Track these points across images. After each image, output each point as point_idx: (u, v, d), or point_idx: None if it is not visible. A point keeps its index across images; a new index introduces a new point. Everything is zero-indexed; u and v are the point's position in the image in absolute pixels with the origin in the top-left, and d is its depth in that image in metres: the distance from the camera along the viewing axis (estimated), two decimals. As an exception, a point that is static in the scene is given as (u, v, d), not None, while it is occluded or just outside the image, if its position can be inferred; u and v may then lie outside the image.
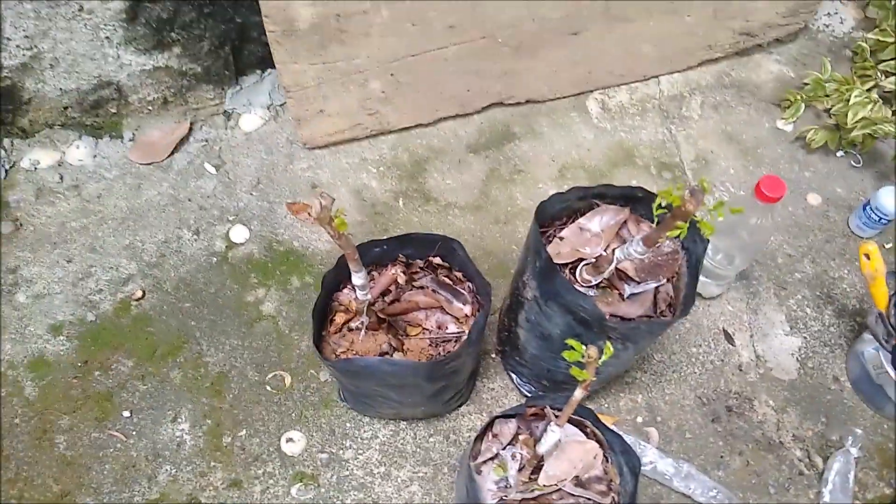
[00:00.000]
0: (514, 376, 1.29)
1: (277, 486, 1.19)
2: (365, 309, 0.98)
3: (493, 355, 1.33)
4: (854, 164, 1.61)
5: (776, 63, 1.75)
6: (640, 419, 1.29)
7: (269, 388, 1.27)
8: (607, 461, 1.03)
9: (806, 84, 1.65)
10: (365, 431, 1.24)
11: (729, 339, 1.38)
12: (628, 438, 1.24)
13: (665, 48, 1.63)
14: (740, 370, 1.35)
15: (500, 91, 1.57)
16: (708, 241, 1.02)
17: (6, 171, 1.45)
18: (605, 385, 1.31)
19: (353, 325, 1.05)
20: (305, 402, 1.26)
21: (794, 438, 1.29)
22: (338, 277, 1.05)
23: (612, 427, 1.25)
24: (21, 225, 1.40)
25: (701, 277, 1.36)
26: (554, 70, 1.57)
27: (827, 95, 1.62)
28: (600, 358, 0.77)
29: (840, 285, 1.45)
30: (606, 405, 1.30)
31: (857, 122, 1.48)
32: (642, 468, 1.23)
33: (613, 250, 0.98)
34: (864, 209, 1.47)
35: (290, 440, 1.22)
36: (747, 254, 1.31)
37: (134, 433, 1.22)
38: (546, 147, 1.58)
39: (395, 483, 1.20)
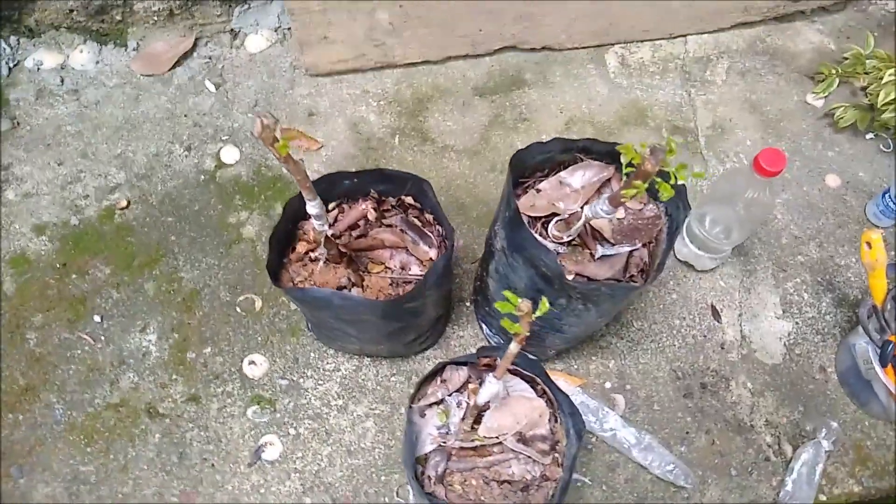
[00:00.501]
0: (484, 327, 1.27)
1: (234, 406, 1.20)
2: (323, 240, 0.96)
3: (468, 304, 1.31)
4: (884, 148, 1.51)
5: (818, 33, 1.64)
6: (608, 384, 1.26)
7: (238, 309, 1.27)
8: (556, 421, 1.01)
9: (845, 59, 1.55)
10: (328, 363, 1.24)
11: (716, 315, 1.33)
12: (591, 402, 1.22)
13: (697, 6, 1.54)
14: (722, 348, 1.30)
15: (515, 34, 1.51)
16: (689, 208, 0.97)
17: (10, 68, 1.45)
18: (577, 347, 1.27)
19: (313, 255, 1.03)
20: (273, 328, 1.26)
21: (766, 424, 1.24)
22: (303, 205, 1.03)
23: (573, 388, 1.23)
24: (18, 123, 1.41)
25: (695, 249, 1.32)
26: (574, 18, 1.50)
27: (866, 73, 1.52)
28: (534, 312, 0.74)
29: (844, 274, 1.37)
30: (576, 367, 1.27)
31: (888, 102, 1.38)
32: (602, 434, 1.21)
33: (582, 207, 0.94)
34: (884, 197, 1.38)
35: (252, 363, 1.23)
36: (745, 228, 1.24)
37: (103, 338, 1.24)
38: (556, 97, 1.51)
39: (351, 417, 1.20)
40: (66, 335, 1.24)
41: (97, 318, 1.25)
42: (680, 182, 0.75)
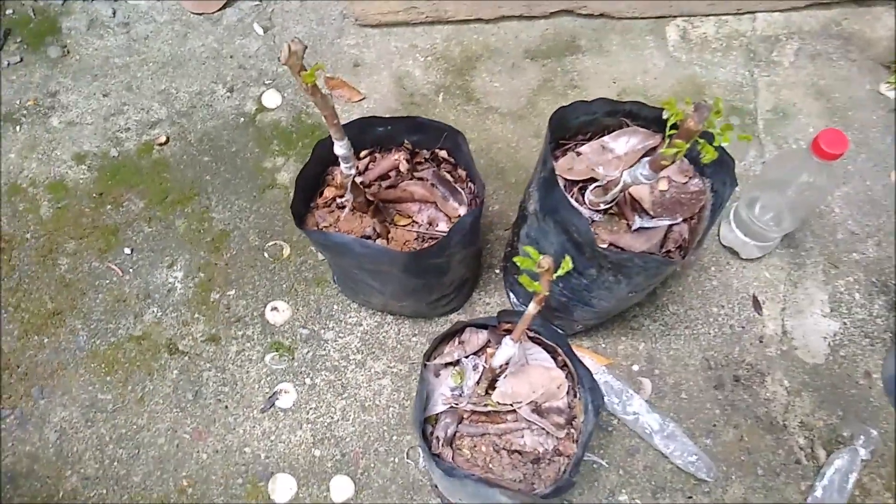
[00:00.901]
0: (511, 295, 1.23)
1: (253, 350, 1.19)
2: (350, 184, 0.93)
3: (497, 270, 1.27)
4: (960, 148, 1.41)
5: (899, 20, 1.54)
6: (636, 367, 1.21)
7: (266, 255, 1.26)
8: (575, 396, 0.97)
9: (927, 49, 1.44)
10: (350, 317, 1.22)
11: (757, 306, 1.26)
12: (616, 383, 1.18)
13: (770, -20, 1.45)
14: (760, 341, 1.24)
15: (574, -2, 1.45)
16: (737, 184, 0.91)
17: (65, -3, 1.46)
18: (607, 325, 1.23)
19: (340, 201, 1.01)
20: (299, 277, 1.25)
21: (800, 425, 1.18)
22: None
23: (599, 366, 1.19)
24: (68, 52, 1.42)
25: (741, 235, 1.25)
26: (637, -16, 1.43)
27: (949, 66, 1.41)
28: (556, 271, 0.70)
29: (902, 276, 1.29)
30: (604, 346, 1.23)
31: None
32: (625, 417, 1.16)
33: (622, 172, 0.89)
34: (954, 198, 1.29)
35: (274, 309, 1.22)
36: (797, 215, 1.17)
37: (131, 270, 1.24)
38: (610, 67, 1.45)
39: (368, 373, 1.19)
40: (96, 264, 1.24)
41: (127, 251, 1.25)
42: (724, 143, 0.69)
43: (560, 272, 0.70)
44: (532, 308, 0.76)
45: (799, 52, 1.49)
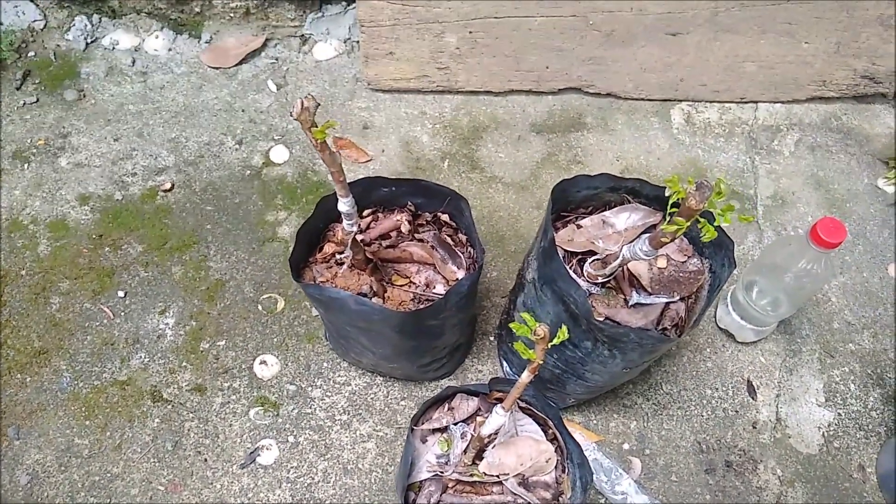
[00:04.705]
0: (505, 364, 1.21)
1: (238, 404, 1.17)
2: (350, 241, 0.94)
3: (492, 338, 1.26)
4: (956, 245, 1.42)
5: (897, 118, 1.58)
6: (626, 446, 1.19)
7: (260, 307, 1.25)
8: (564, 471, 0.95)
9: (924, 148, 1.48)
10: (339, 376, 1.21)
11: (752, 391, 1.25)
12: (606, 461, 1.15)
13: (772, 73, 1.50)
14: (754, 427, 1.22)
15: (582, 76, 1.49)
16: (735, 265, 0.92)
17: (87, 44, 1.50)
18: (599, 401, 1.21)
19: (339, 257, 1.01)
20: (290, 331, 1.23)
21: (792, 517, 1.15)
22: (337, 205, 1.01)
23: (589, 443, 1.17)
24: (84, 96, 1.45)
25: (738, 318, 1.25)
26: (643, 68, 1.47)
27: (945, 165, 1.44)
28: (551, 340, 0.69)
29: (898, 370, 1.28)
30: (595, 422, 1.20)
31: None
32: (612, 497, 1.13)
33: (622, 247, 0.89)
34: (950, 295, 1.29)
35: (263, 363, 1.20)
36: (794, 301, 1.17)
37: (122, 314, 1.23)
38: (614, 145, 1.48)
39: (353, 435, 1.16)
40: (88, 305, 1.23)
41: (121, 294, 1.24)
42: (724, 224, 0.70)
43: (556, 341, 0.69)
44: (525, 376, 0.75)
45: (799, 143, 1.52)
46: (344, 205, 0.88)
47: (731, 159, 1.48)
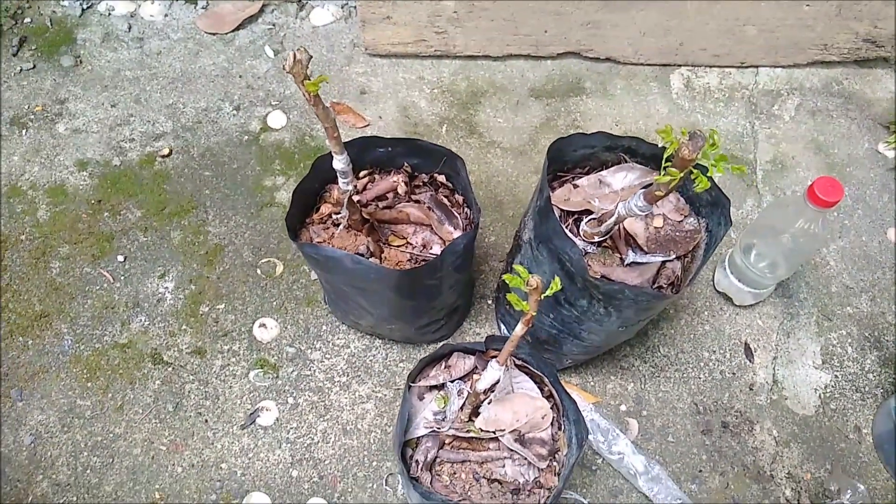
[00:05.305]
0: (503, 326, 1.22)
1: (238, 366, 1.18)
2: (346, 201, 0.94)
3: (490, 301, 1.26)
4: (955, 209, 1.42)
5: (899, 83, 1.56)
6: (623, 407, 1.20)
7: (259, 271, 1.26)
8: (559, 428, 0.96)
9: (926, 112, 1.47)
10: (338, 338, 1.21)
11: (749, 354, 1.26)
12: (602, 422, 1.16)
13: (773, 37, 1.48)
14: (751, 389, 1.22)
15: (581, 41, 1.47)
16: (731, 222, 0.92)
17: (83, 9, 1.49)
18: (596, 363, 1.22)
19: (335, 218, 1.01)
20: (289, 295, 1.24)
21: (788, 476, 1.16)
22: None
23: (586, 404, 1.17)
24: (81, 62, 1.44)
25: (736, 281, 1.25)
26: (642, 32, 1.46)
27: (947, 129, 1.43)
28: (544, 291, 0.70)
29: (895, 333, 1.28)
30: (593, 384, 1.21)
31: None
32: (609, 457, 1.14)
33: (617, 204, 0.89)
34: (949, 258, 1.29)
35: (263, 326, 1.21)
36: (792, 262, 1.17)
37: (122, 278, 1.24)
38: (613, 110, 1.47)
39: (352, 396, 1.17)
40: (88, 269, 1.24)
41: (120, 258, 1.25)
42: (717, 174, 0.70)
43: (549, 292, 0.69)
44: (519, 328, 0.76)
45: (800, 108, 1.51)
46: (339, 162, 0.88)
47: (730, 124, 1.48)
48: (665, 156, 0.76)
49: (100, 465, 1.10)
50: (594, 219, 0.97)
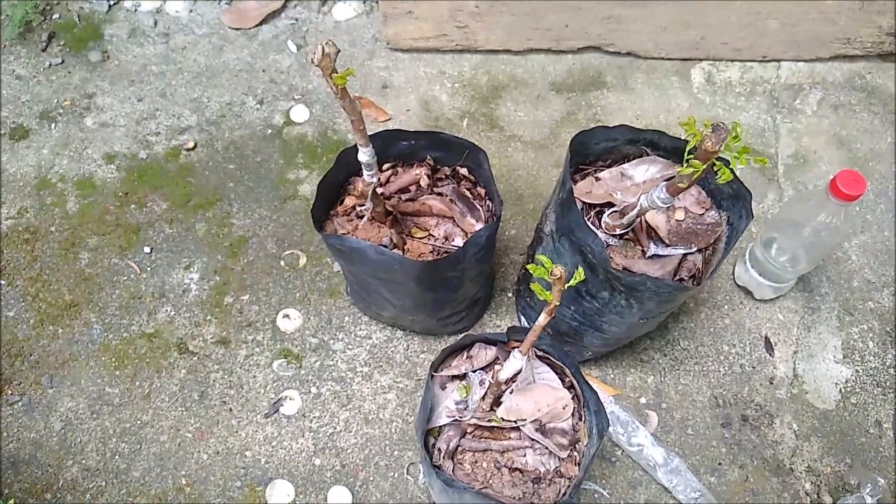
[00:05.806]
0: (523, 319, 1.23)
1: (261, 356, 1.20)
2: (370, 193, 0.95)
3: (510, 294, 1.27)
4: (980, 205, 1.41)
5: (924, 77, 1.55)
6: (643, 400, 1.20)
7: (282, 263, 1.27)
8: (580, 419, 0.96)
9: (950, 106, 1.45)
10: (361, 329, 1.23)
11: (769, 348, 1.26)
12: (622, 414, 1.17)
13: (795, 31, 1.48)
14: (771, 383, 1.22)
15: (601, 35, 1.48)
16: (752, 215, 0.92)
17: (110, 6, 1.51)
18: (616, 355, 1.22)
19: (359, 210, 1.02)
20: (312, 286, 1.26)
21: (807, 470, 1.16)
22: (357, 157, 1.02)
23: (606, 396, 1.18)
24: (108, 57, 1.47)
25: (756, 275, 1.25)
26: (663, 26, 1.46)
27: (971, 124, 1.42)
28: (569, 281, 0.71)
29: (918, 328, 1.28)
30: (613, 376, 1.22)
31: None
32: (629, 448, 1.15)
33: (639, 196, 0.90)
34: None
35: (286, 316, 1.23)
36: (813, 256, 1.17)
37: (149, 269, 1.26)
38: (634, 104, 1.47)
39: (374, 386, 1.19)
40: (116, 260, 1.26)
41: (147, 249, 1.27)
42: (739, 166, 0.70)
43: (573, 282, 0.71)
44: (542, 318, 0.77)
45: (822, 102, 1.50)
46: (364, 154, 0.90)
47: (752, 118, 1.47)
48: (688, 148, 0.77)
49: (128, 451, 1.12)
50: (616, 211, 0.98)
